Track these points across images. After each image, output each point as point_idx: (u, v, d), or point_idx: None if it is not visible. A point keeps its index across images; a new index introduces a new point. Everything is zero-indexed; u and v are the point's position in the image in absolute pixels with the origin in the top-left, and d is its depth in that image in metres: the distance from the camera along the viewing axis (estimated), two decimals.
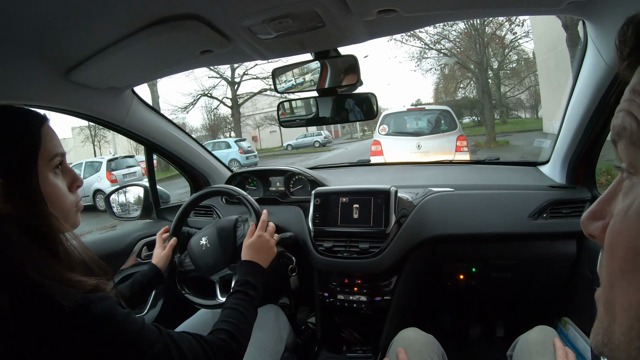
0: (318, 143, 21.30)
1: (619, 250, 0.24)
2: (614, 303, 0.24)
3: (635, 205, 0.23)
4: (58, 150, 0.58)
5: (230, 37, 0.79)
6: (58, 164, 0.58)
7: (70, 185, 0.61)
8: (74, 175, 0.62)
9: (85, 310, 0.49)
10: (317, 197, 1.25)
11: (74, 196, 0.62)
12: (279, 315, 1.16)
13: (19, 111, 0.57)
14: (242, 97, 17.77)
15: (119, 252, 1.32)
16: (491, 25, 13.08)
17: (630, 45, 0.25)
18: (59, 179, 0.59)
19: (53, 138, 0.58)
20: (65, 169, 0.61)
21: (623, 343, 0.23)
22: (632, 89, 0.25)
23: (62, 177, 0.60)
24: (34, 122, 0.57)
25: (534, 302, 1.38)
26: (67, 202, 0.59)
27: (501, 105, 17.98)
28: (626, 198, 0.24)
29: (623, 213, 0.24)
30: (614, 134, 0.26)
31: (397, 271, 1.17)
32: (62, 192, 0.59)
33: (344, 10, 0.70)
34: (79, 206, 0.63)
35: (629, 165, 0.24)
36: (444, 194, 1.26)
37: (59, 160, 0.58)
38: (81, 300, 0.49)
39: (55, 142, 0.58)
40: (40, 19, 0.66)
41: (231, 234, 1.09)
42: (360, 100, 1.03)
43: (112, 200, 1.44)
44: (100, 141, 18.28)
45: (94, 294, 0.52)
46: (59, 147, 0.59)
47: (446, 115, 5.87)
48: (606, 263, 0.25)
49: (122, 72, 0.98)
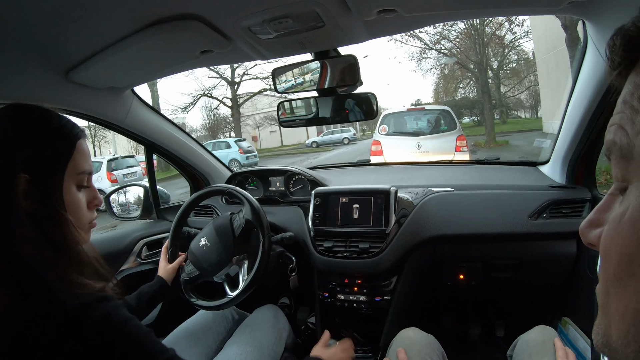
0: (347, 140, 20.74)
1: (613, 256, 0.24)
2: (609, 308, 0.25)
3: (628, 213, 0.23)
4: (86, 167, 0.60)
5: (230, 37, 0.79)
6: (83, 182, 0.60)
7: (89, 202, 0.62)
8: (95, 194, 0.63)
9: (88, 310, 0.49)
10: (317, 197, 1.25)
11: (90, 214, 0.63)
12: (278, 315, 1.16)
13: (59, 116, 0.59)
14: (242, 97, 17.78)
15: (119, 252, 1.32)
16: (491, 25, 13.09)
17: (619, 55, 0.26)
18: (81, 193, 0.60)
19: (85, 155, 0.60)
20: (90, 186, 0.62)
21: (620, 346, 0.23)
22: (622, 101, 0.25)
23: (83, 194, 0.61)
24: (72, 132, 0.58)
25: (534, 302, 1.38)
26: (83, 217, 0.61)
27: (501, 105, 17.99)
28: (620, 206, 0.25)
29: (617, 220, 0.24)
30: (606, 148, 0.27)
31: (397, 271, 1.17)
32: (81, 206, 0.60)
33: (344, 10, 0.70)
34: (92, 224, 0.64)
35: (621, 177, 0.25)
36: (444, 194, 1.26)
37: (85, 177, 0.60)
38: (85, 299, 0.50)
39: (87, 159, 0.60)
40: (41, 19, 0.66)
41: (228, 229, 1.09)
42: (360, 100, 1.03)
43: (112, 200, 1.44)
44: (100, 141, 18.27)
45: (99, 294, 0.52)
46: (88, 165, 0.60)
47: (446, 115, 5.87)
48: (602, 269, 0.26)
49: (122, 72, 0.98)
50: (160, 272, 1.09)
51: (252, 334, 1.05)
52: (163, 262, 1.12)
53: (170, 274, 1.08)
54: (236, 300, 1.02)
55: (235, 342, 1.03)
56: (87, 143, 0.63)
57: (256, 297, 1.17)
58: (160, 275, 1.07)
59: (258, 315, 1.14)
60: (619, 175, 0.25)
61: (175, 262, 1.10)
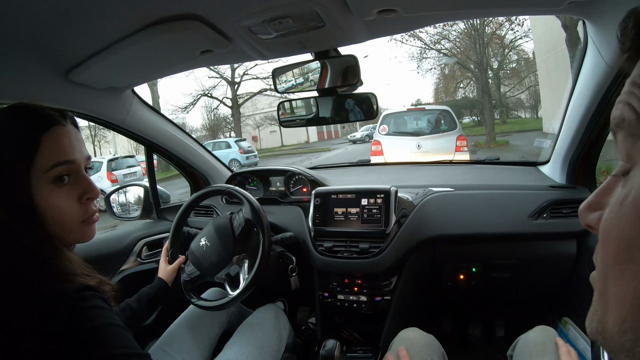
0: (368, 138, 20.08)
1: (613, 240, 0.24)
2: (607, 293, 0.24)
3: (631, 196, 0.23)
4: (63, 157, 0.52)
5: (230, 37, 0.79)
6: (62, 175, 0.53)
7: (80, 196, 0.55)
8: (87, 187, 0.56)
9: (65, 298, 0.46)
10: (317, 197, 1.25)
11: (83, 208, 0.56)
12: (279, 315, 1.16)
13: (25, 111, 0.52)
14: (242, 97, 17.77)
15: (119, 252, 1.32)
16: (491, 25, 13.09)
17: (631, 38, 0.25)
18: (63, 190, 0.53)
19: (61, 143, 0.52)
20: (78, 179, 0.55)
21: (616, 334, 0.23)
22: (632, 82, 0.25)
23: (69, 188, 0.54)
24: (35, 126, 0.51)
25: (534, 302, 1.38)
26: (67, 216, 0.54)
27: (501, 105, 17.97)
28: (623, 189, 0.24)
29: (619, 203, 0.24)
30: (613, 125, 0.26)
31: (397, 271, 1.17)
32: (62, 206, 0.53)
33: (344, 10, 0.70)
34: (91, 219, 0.57)
35: (626, 155, 0.25)
36: (444, 194, 1.26)
37: (61, 170, 0.52)
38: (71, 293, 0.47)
39: (63, 149, 0.52)
40: (40, 19, 0.66)
41: (228, 228, 1.09)
42: (360, 100, 1.03)
43: (112, 200, 1.44)
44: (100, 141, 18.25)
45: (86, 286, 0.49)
46: (67, 154, 0.53)
47: (446, 115, 5.87)
48: (600, 254, 0.25)
49: (122, 72, 0.98)
50: (160, 273, 1.09)
51: (253, 333, 1.05)
52: (163, 264, 1.12)
53: (170, 275, 1.08)
54: (237, 299, 1.02)
55: (236, 342, 1.03)
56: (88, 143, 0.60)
57: (256, 297, 1.17)
58: (161, 276, 1.07)
59: (259, 315, 1.14)
60: (624, 154, 0.25)
61: (175, 263, 1.10)
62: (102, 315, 0.48)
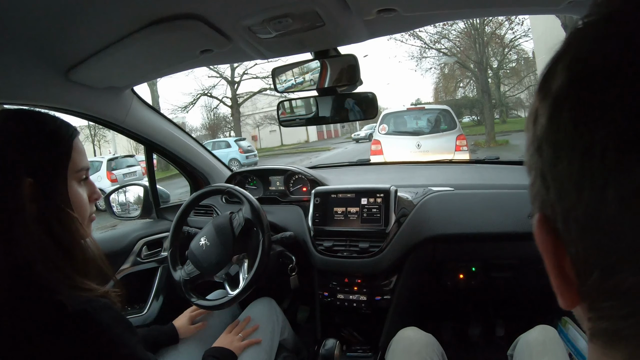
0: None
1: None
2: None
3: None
4: (84, 164, 0.62)
5: (230, 37, 0.79)
6: (83, 177, 0.62)
7: (89, 196, 0.64)
8: (94, 189, 0.65)
9: (86, 316, 0.50)
10: (316, 196, 1.25)
11: (90, 207, 0.64)
12: (272, 308, 1.15)
13: (53, 118, 0.60)
14: (242, 97, 17.78)
15: (119, 252, 1.32)
16: (491, 24, 13.08)
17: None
18: (82, 189, 0.62)
19: (81, 152, 0.61)
20: (88, 182, 0.64)
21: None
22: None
23: (84, 189, 0.63)
24: (67, 132, 0.59)
25: (534, 301, 1.38)
26: (86, 211, 0.62)
27: (501, 104, 17.94)
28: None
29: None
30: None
31: (397, 270, 1.17)
32: (84, 201, 0.61)
33: (344, 9, 0.70)
34: (92, 217, 0.65)
35: None
36: (444, 194, 1.26)
37: (84, 174, 0.62)
38: (84, 305, 0.50)
39: (83, 156, 0.62)
40: (40, 18, 0.66)
41: (228, 228, 1.09)
42: (360, 100, 1.03)
43: (112, 199, 1.44)
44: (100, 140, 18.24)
45: (98, 300, 0.53)
46: (85, 162, 0.62)
47: (446, 114, 5.87)
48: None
49: (122, 72, 0.98)
50: (177, 322, 1.08)
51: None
52: (185, 319, 1.09)
53: (184, 329, 1.07)
54: (237, 299, 1.02)
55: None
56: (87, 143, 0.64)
57: (256, 297, 1.17)
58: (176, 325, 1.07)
59: (252, 310, 1.14)
60: None
61: (194, 326, 1.09)
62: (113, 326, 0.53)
